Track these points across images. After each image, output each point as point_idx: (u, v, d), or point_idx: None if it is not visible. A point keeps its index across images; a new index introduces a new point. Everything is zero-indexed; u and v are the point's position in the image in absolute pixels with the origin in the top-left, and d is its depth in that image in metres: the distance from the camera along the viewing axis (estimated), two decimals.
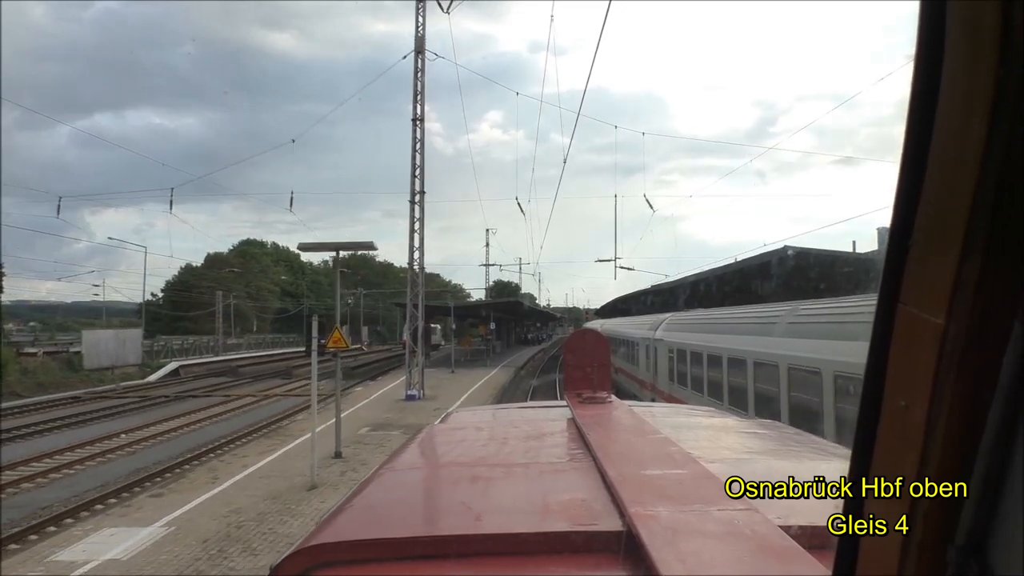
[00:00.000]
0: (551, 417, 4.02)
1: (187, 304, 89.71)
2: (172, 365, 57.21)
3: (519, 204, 38.14)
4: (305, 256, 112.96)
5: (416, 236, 31.69)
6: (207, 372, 58.18)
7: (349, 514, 2.23)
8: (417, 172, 31.25)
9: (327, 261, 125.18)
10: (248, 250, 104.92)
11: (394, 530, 1.94)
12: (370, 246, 18.53)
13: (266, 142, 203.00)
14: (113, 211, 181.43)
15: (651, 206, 33.93)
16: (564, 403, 4.37)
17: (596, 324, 54.92)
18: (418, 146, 31.17)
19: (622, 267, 37.81)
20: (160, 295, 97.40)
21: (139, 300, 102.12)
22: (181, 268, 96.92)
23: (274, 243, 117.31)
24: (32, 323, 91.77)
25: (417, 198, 31.38)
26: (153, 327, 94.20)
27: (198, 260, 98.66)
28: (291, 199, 35.55)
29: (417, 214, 31.49)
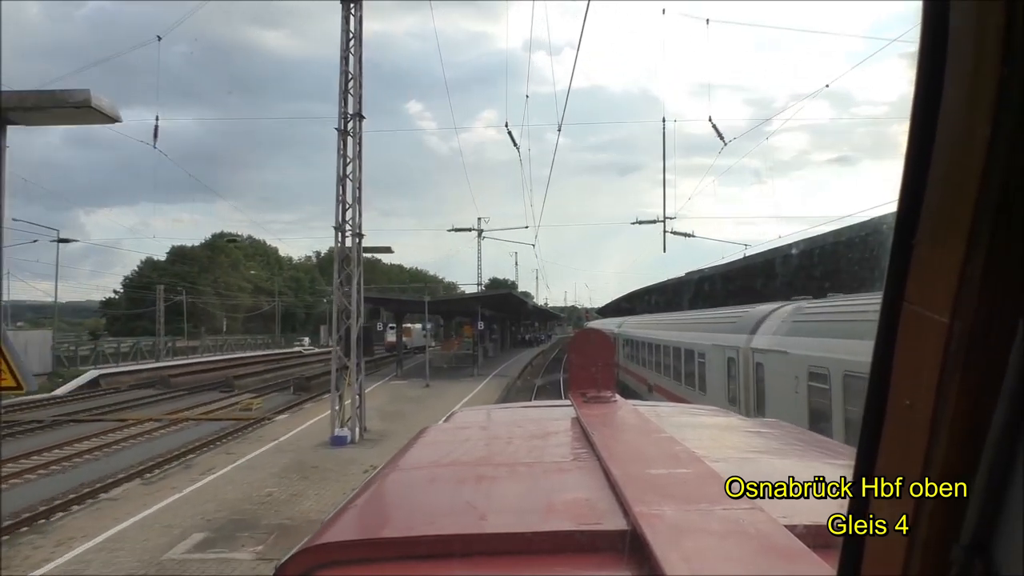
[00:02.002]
0: (555, 416, 3.90)
1: (148, 302, 77.58)
2: (92, 374, 45.02)
3: (509, 133, 26.00)
4: (284, 250, 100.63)
5: (349, 184, 19.41)
6: (136, 382, 46.05)
7: (353, 513, 2.19)
8: (351, 82, 18.96)
9: (309, 256, 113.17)
10: (218, 243, 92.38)
11: (398, 529, 1.93)
12: (82, 100, 6.15)
13: (262, 141, 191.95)
14: (107, 210, 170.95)
15: (721, 136, 22.31)
16: (568, 402, 4.16)
17: (611, 325, 42.79)
18: (351, 41, 18.89)
19: (676, 232, 25.22)
20: (120, 292, 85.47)
21: (112, 297, 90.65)
22: (141, 263, 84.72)
23: (250, 236, 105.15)
24: (20, 323, 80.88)
25: (351, 125, 19.07)
26: (112, 327, 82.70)
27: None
28: (155, 129, 22.93)
29: (351, 151, 19.20)
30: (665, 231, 24.35)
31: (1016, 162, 0.71)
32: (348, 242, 19.75)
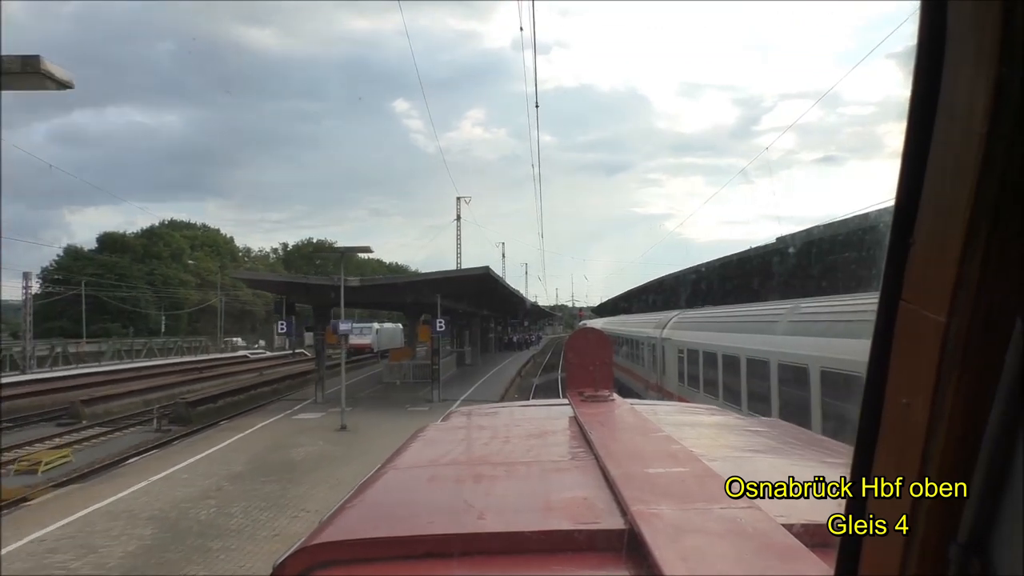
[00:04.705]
0: (553, 415, 3.70)
1: (68, 298, 62.27)
2: None
3: None
4: (240, 241, 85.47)
5: None
6: None
7: (351, 513, 2.06)
8: None
9: (277, 249, 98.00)
10: (157, 231, 76.61)
11: (396, 529, 1.81)
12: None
13: (250, 140, 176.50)
14: (93, 209, 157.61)
15: None
16: (566, 401, 3.93)
17: (638, 326, 27.97)
18: None
19: None
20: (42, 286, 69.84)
21: (38, 292, 75.54)
22: (60, 253, 68.99)
23: (204, 224, 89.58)
24: None
25: None
26: (37, 327, 67.84)
27: None
28: None
29: None
30: None
31: (1013, 162, 0.68)
32: None
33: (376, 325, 66.07)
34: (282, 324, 24.97)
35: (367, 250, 21.94)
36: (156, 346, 55.96)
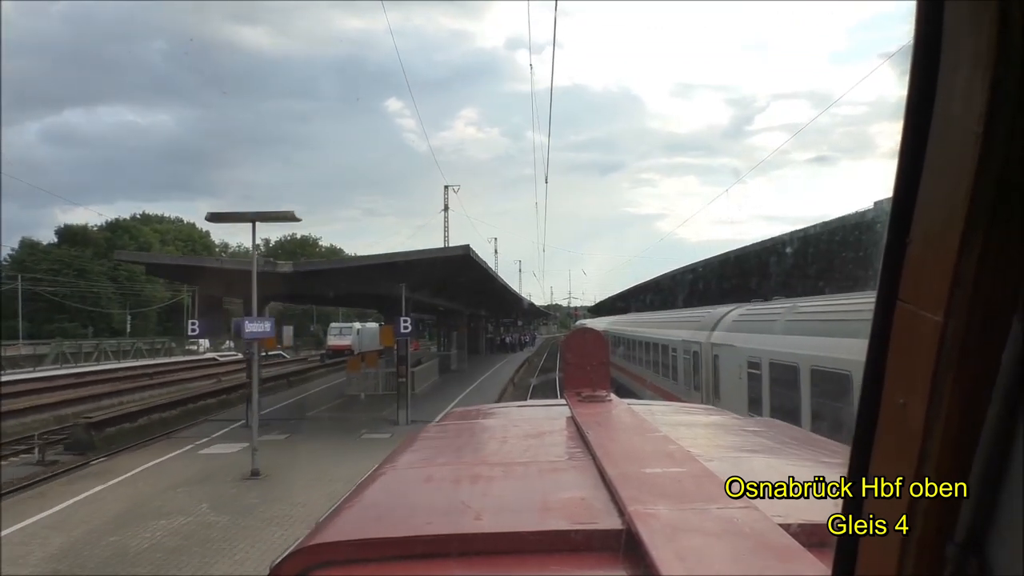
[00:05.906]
0: (550, 416, 3.65)
1: (24, 297, 55.59)
2: None
3: None
4: (216, 235, 78.61)
5: None
6: None
7: (349, 513, 2.03)
8: None
9: (260, 246, 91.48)
10: (123, 224, 69.83)
11: (394, 529, 1.79)
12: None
13: (243, 140, 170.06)
14: (84, 209, 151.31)
15: None
16: (563, 402, 3.86)
17: (672, 330, 21.66)
18: None
19: None
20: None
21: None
22: (14, 248, 62.09)
23: (179, 218, 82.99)
24: None
25: None
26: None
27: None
28: None
29: None
30: None
31: (1010, 162, 0.67)
32: None
33: (357, 325, 59.41)
34: (193, 324, 18.50)
35: (290, 217, 15.66)
36: (110, 348, 49.23)
